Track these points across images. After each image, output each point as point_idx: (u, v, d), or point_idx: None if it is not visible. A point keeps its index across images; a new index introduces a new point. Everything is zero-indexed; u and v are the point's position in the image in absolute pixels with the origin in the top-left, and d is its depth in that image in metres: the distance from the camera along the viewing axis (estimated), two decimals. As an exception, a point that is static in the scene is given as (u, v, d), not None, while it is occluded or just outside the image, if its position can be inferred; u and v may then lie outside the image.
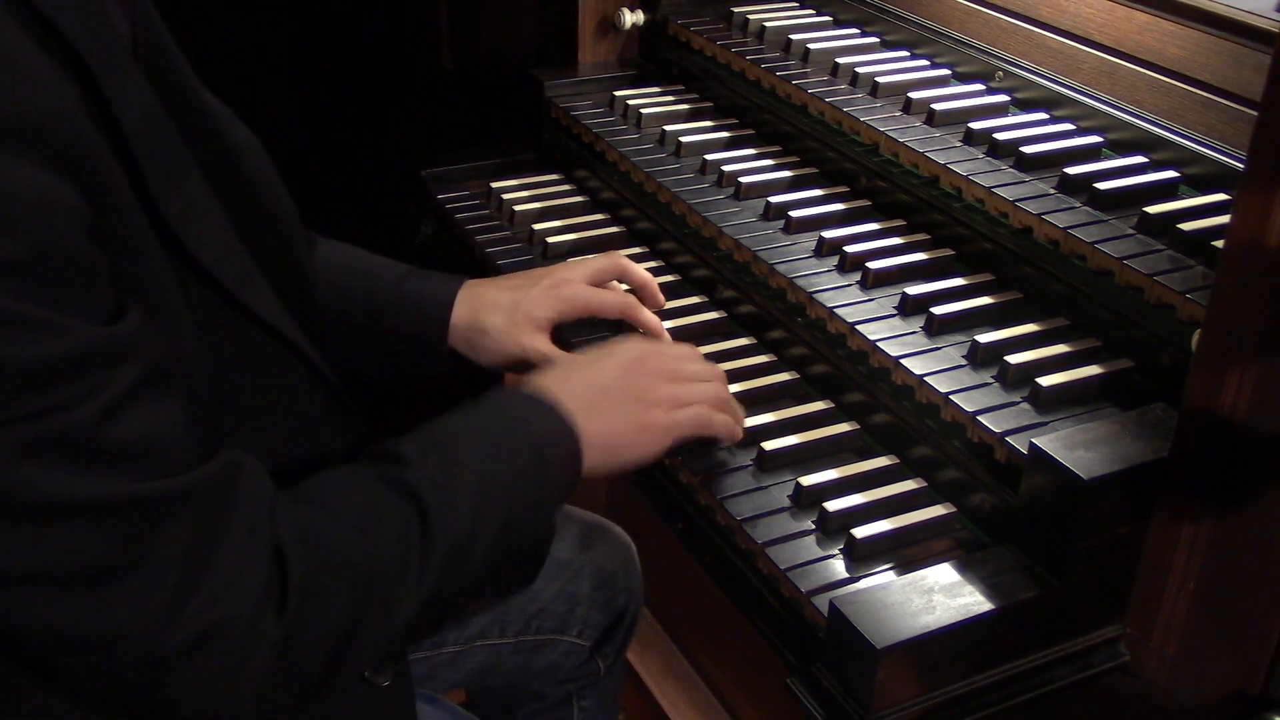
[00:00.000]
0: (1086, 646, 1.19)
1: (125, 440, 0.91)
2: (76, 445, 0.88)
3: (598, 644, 1.72)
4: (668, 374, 1.32)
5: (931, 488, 1.33)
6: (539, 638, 1.68)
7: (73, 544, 0.89)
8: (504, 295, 1.49)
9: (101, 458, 0.90)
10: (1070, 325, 1.37)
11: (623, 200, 1.84)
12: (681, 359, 1.36)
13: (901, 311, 1.41)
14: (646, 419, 1.28)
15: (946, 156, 1.50)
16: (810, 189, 1.66)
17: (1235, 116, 1.36)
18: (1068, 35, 1.57)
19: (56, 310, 0.86)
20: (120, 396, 0.90)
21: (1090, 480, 1.09)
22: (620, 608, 1.72)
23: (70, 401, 0.87)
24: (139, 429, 0.92)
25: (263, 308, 1.12)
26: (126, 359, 0.91)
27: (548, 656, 1.69)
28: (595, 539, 1.73)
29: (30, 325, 0.85)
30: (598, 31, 2.06)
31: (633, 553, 1.77)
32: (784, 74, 1.73)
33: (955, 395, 1.27)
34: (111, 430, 0.90)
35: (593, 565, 1.70)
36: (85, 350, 0.88)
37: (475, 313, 1.48)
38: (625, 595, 1.73)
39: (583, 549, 1.70)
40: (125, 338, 0.92)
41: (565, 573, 1.68)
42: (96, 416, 0.89)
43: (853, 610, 1.09)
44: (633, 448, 1.28)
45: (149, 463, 0.93)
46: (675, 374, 1.33)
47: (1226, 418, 1.05)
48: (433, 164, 2.00)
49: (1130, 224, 1.35)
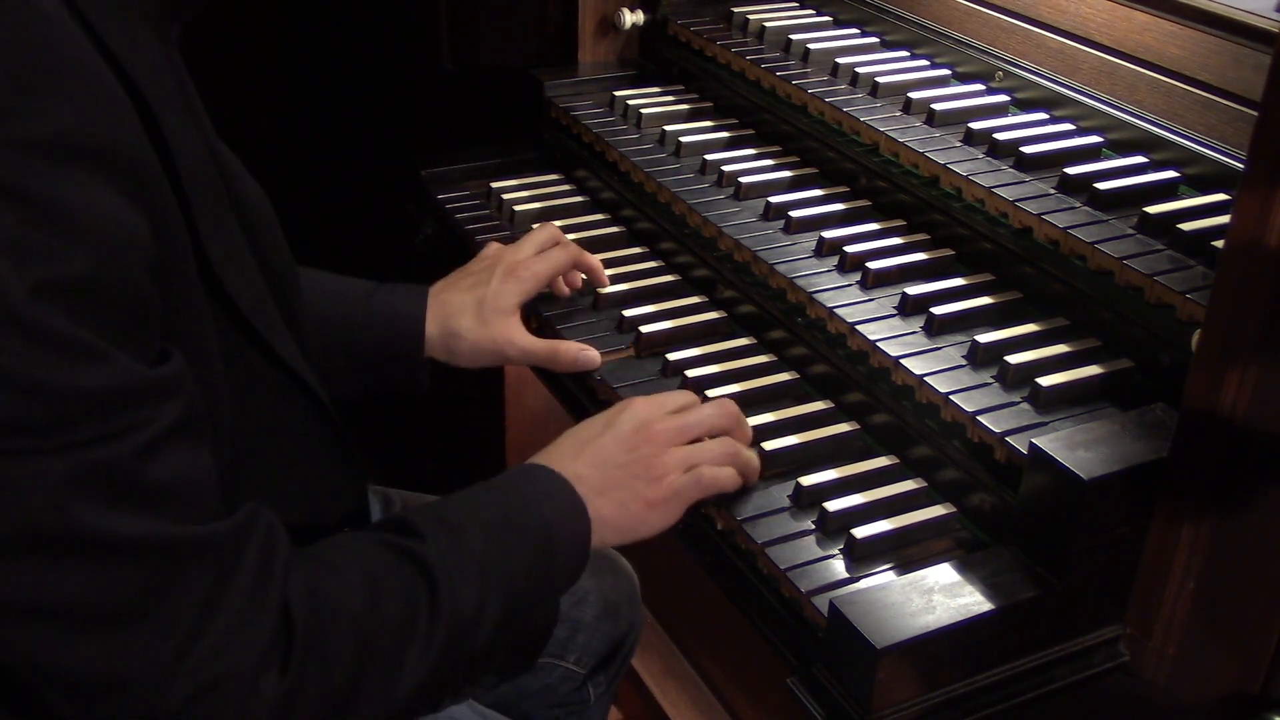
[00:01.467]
0: (1086, 646, 1.19)
1: (162, 481, 0.90)
2: (114, 480, 0.88)
3: (592, 672, 1.71)
4: (672, 437, 1.29)
5: (931, 488, 1.33)
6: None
7: (94, 581, 0.88)
8: (467, 296, 1.52)
9: (137, 496, 0.89)
10: (1070, 325, 1.37)
11: (623, 200, 1.84)
12: (684, 412, 1.32)
13: (901, 311, 1.41)
14: (652, 495, 1.27)
15: (946, 156, 1.50)
16: (810, 189, 1.66)
17: (1235, 116, 1.36)
18: (1068, 35, 1.57)
19: (109, 340, 0.86)
20: (160, 437, 0.90)
21: (1090, 480, 1.09)
22: (620, 638, 1.71)
23: (112, 435, 0.87)
24: (175, 471, 0.92)
25: (286, 352, 1.13)
26: (169, 399, 0.91)
27: (542, 679, 1.67)
28: (603, 568, 1.72)
29: (82, 352, 0.85)
30: (598, 31, 2.06)
31: (636, 585, 1.77)
32: (784, 74, 1.73)
33: (955, 395, 1.27)
34: (150, 469, 0.89)
35: (598, 593, 1.69)
36: (132, 385, 0.88)
37: (445, 319, 1.50)
38: (626, 626, 1.72)
39: (589, 576, 1.69)
40: (170, 379, 0.92)
41: (570, 598, 1.65)
42: (137, 453, 0.88)
43: (853, 610, 1.09)
44: (645, 524, 1.28)
45: (181, 507, 0.92)
46: (681, 431, 1.29)
47: (1226, 418, 1.05)
48: (433, 164, 2.00)
49: (1130, 224, 1.35)
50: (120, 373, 0.87)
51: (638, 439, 1.27)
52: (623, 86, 1.98)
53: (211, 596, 0.94)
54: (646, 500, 1.26)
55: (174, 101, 1.00)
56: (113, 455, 0.87)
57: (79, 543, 0.87)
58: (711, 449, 1.30)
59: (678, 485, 1.27)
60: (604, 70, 2.04)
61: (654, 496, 1.27)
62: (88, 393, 0.85)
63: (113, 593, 0.89)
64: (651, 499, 1.27)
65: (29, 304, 0.82)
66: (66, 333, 0.84)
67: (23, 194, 0.82)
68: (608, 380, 1.50)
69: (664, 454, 1.27)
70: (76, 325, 0.84)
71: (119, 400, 0.87)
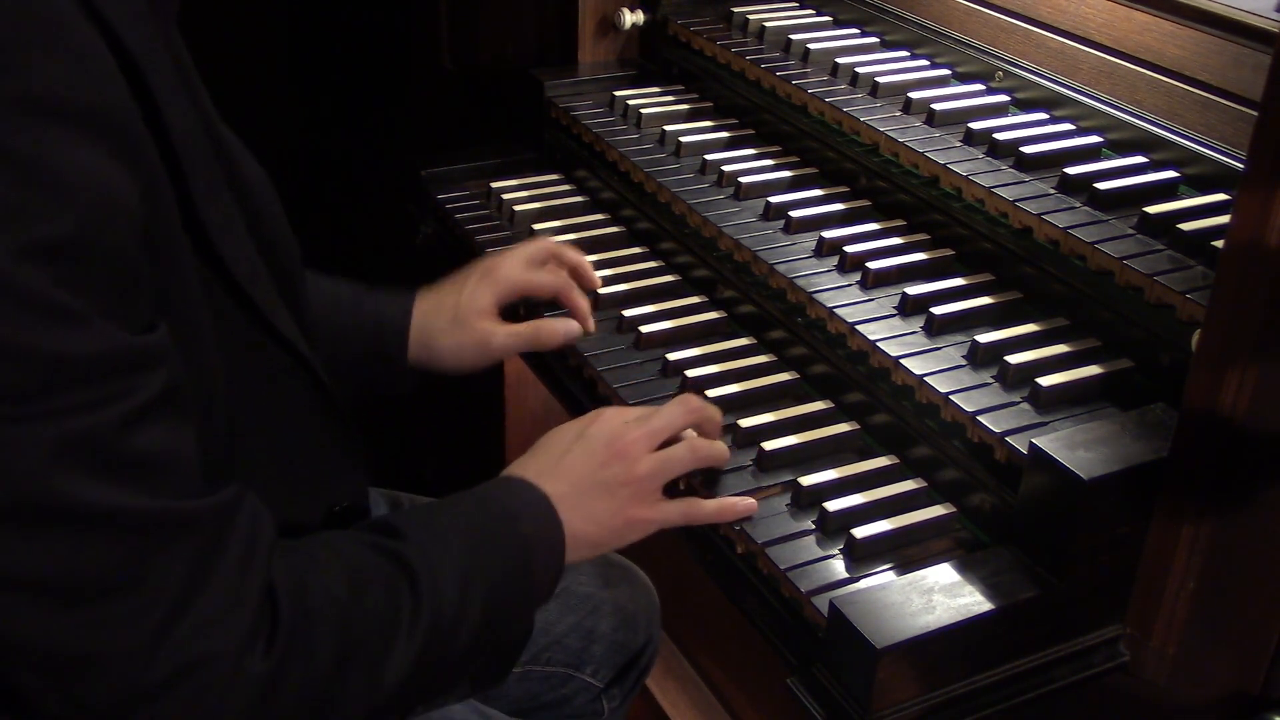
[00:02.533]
0: (1086, 646, 1.19)
1: (143, 452, 0.89)
2: (95, 450, 0.86)
3: (608, 685, 1.69)
4: (642, 448, 1.28)
5: (931, 488, 1.33)
6: (549, 669, 1.65)
7: (74, 553, 0.87)
8: (446, 298, 1.52)
9: (118, 467, 0.88)
10: (1070, 325, 1.37)
11: (623, 200, 1.84)
12: (650, 418, 1.31)
13: (901, 311, 1.41)
14: (630, 513, 1.27)
15: (946, 156, 1.50)
16: (810, 189, 1.66)
17: (1235, 116, 1.36)
18: (1068, 35, 1.57)
19: (93, 305, 0.85)
20: (143, 407, 0.89)
21: (1090, 480, 1.09)
22: (637, 650, 1.70)
23: (94, 404, 0.86)
24: (157, 444, 0.90)
25: (286, 328, 1.13)
26: (153, 370, 0.90)
27: (558, 691, 1.66)
28: (618, 578, 1.72)
29: (66, 317, 0.83)
30: (598, 31, 2.06)
31: (655, 596, 1.76)
32: (784, 74, 1.73)
33: (955, 395, 1.27)
34: (132, 439, 0.88)
35: (613, 603, 1.68)
36: (115, 353, 0.87)
37: (425, 322, 1.50)
38: (644, 638, 1.71)
39: (604, 586, 1.69)
40: (155, 348, 0.91)
41: (584, 607, 1.66)
42: (118, 423, 0.87)
43: (853, 610, 1.09)
44: (619, 538, 1.29)
45: (162, 480, 0.91)
46: (651, 437, 1.29)
47: (1226, 418, 1.05)
48: (433, 164, 2.00)
49: (1130, 224, 1.35)
50: (104, 340, 0.85)
51: (610, 454, 1.27)
52: (623, 86, 1.98)
53: (194, 573, 0.93)
54: (625, 517, 1.27)
55: (168, 72, 0.99)
56: (95, 424, 0.86)
57: (58, 513, 0.85)
58: (682, 457, 1.29)
59: (662, 512, 1.29)
60: (604, 70, 2.04)
61: (632, 515, 1.27)
62: (70, 359, 0.84)
63: (93, 565, 0.88)
64: (630, 517, 1.27)
65: (11, 265, 0.80)
66: (49, 296, 0.82)
67: (5, 152, 0.81)
68: (608, 379, 1.50)
69: (637, 465, 1.27)
70: (60, 288, 0.83)
71: (102, 368, 0.86)
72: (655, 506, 1.29)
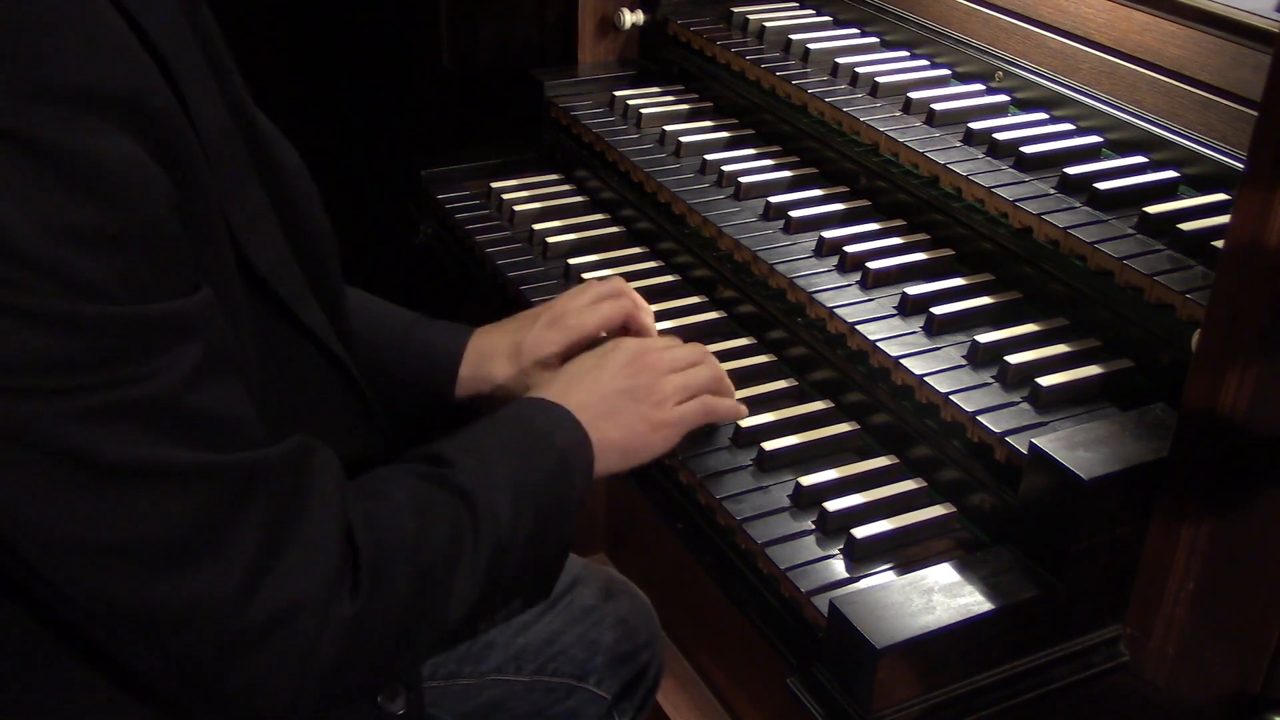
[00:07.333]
0: (1086, 646, 1.19)
1: (207, 409, 0.91)
2: (160, 412, 0.88)
3: (617, 699, 1.69)
4: (665, 367, 1.34)
5: (931, 488, 1.33)
6: (554, 680, 1.64)
7: (157, 513, 0.89)
8: (507, 339, 1.46)
9: (185, 425, 0.90)
10: (1070, 325, 1.37)
11: (623, 200, 1.84)
12: (671, 348, 1.38)
13: (901, 311, 1.41)
14: (656, 417, 1.32)
15: (946, 156, 1.50)
16: (810, 189, 1.66)
17: (1235, 116, 1.36)
18: (1068, 35, 1.57)
19: (140, 281, 0.87)
20: (200, 368, 0.91)
21: (1090, 480, 1.09)
22: (643, 664, 1.70)
23: (154, 371, 0.88)
24: (219, 400, 0.92)
25: (312, 320, 1.13)
26: (203, 331, 0.92)
27: (565, 704, 1.65)
28: (616, 592, 1.72)
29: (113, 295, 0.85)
30: (598, 31, 2.06)
31: (654, 613, 1.76)
32: (784, 74, 1.73)
33: (955, 395, 1.27)
34: (194, 399, 0.90)
35: (615, 616, 1.68)
36: (167, 320, 0.89)
37: (480, 362, 1.46)
38: (648, 653, 1.71)
39: (606, 599, 1.69)
40: (204, 309, 0.92)
41: (588, 618, 1.66)
42: (180, 384, 0.89)
43: (853, 610, 1.09)
44: (648, 446, 1.32)
45: (229, 435, 0.93)
46: (672, 364, 1.35)
47: (1226, 418, 1.05)
48: (433, 164, 2.00)
49: (1130, 224, 1.35)
50: (151, 311, 0.87)
51: (635, 367, 1.33)
52: (623, 86, 1.98)
53: (277, 522, 0.95)
54: (651, 422, 1.31)
55: (194, 60, 1.00)
56: (156, 389, 0.88)
57: (130, 476, 0.87)
58: (705, 375, 1.37)
59: (683, 410, 1.34)
60: (604, 70, 2.04)
61: (659, 419, 1.32)
62: (117, 333, 0.86)
63: (177, 523, 0.90)
64: (656, 421, 1.32)
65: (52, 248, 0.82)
66: (93, 277, 0.84)
67: (31, 141, 0.82)
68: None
69: (662, 379, 1.33)
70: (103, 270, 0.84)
71: (151, 338, 0.88)
72: (677, 410, 1.33)
